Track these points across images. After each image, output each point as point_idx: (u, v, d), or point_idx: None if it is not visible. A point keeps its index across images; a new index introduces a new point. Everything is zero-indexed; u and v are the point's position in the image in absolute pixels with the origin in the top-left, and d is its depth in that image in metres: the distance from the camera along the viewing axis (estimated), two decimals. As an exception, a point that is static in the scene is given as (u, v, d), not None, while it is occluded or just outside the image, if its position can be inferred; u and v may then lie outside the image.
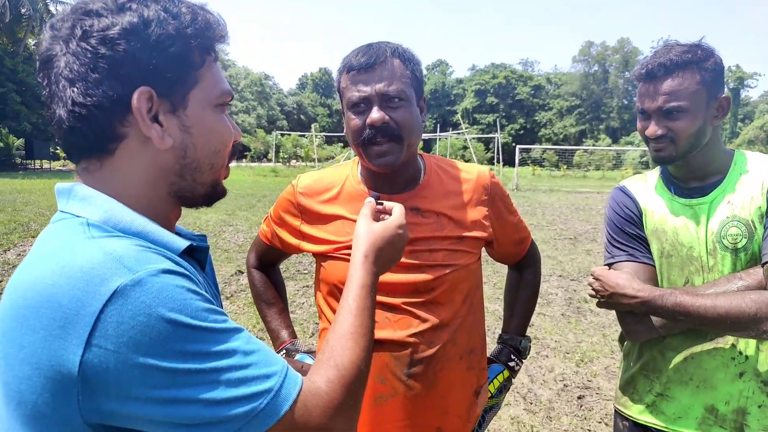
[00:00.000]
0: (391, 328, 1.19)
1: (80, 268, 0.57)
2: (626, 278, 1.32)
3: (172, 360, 0.57)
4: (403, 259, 1.19)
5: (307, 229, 1.28)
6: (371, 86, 1.12)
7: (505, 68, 78.67)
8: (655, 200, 1.45)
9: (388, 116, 1.12)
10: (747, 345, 1.30)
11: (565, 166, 41.32)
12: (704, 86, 1.26)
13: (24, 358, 0.57)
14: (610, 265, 1.45)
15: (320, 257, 1.27)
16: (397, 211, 1.00)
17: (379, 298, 1.17)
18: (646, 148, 1.38)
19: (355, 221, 1.19)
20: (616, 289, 1.31)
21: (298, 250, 1.34)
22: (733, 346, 1.31)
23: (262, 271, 1.50)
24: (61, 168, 29.51)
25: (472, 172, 1.33)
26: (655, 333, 1.35)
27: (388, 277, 1.18)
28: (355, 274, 0.87)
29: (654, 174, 1.51)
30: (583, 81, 72.89)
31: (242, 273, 6.08)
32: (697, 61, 1.26)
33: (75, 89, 0.65)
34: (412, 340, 1.18)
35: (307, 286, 5.82)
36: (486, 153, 47.04)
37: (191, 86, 0.71)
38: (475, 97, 74.45)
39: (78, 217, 0.66)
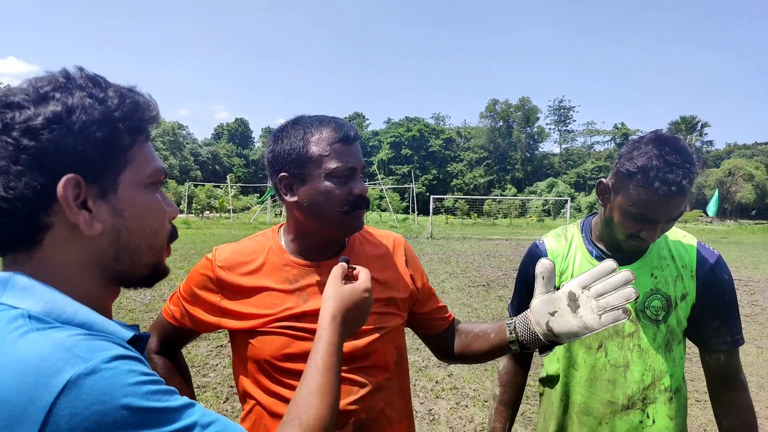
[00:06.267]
0: None
1: (28, 361, 0.55)
2: None
3: None
4: None
5: (228, 304, 1.22)
6: (357, 159, 1.19)
7: (418, 121, 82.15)
8: (573, 263, 1.49)
9: None
10: (656, 411, 1.40)
11: (475, 215, 43.21)
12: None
13: None
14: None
15: (246, 333, 1.20)
16: (364, 275, 1.04)
17: None
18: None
19: (283, 291, 1.21)
20: None
21: (217, 328, 1.26)
22: (642, 410, 1.40)
23: (164, 356, 1.37)
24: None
25: (389, 236, 1.38)
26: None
27: None
28: (323, 333, 0.92)
29: (576, 233, 1.55)
30: (490, 135, 77.64)
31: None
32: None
33: None
34: (352, 407, 1.17)
35: (221, 346, 5.53)
36: (401, 203, 48.17)
37: (121, 169, 0.70)
38: (390, 149, 76.76)
39: (17, 308, 0.62)
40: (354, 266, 1.09)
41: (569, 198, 35.64)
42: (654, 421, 1.39)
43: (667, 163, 1.22)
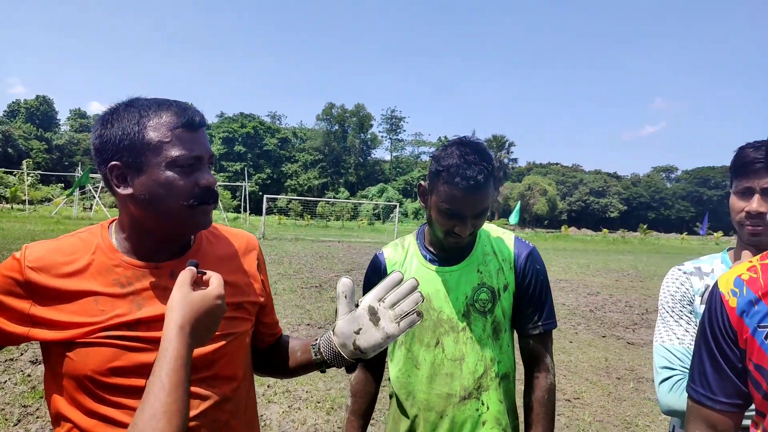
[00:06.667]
0: None
1: None
2: None
3: None
4: None
5: (40, 312, 1.02)
6: (203, 147, 1.08)
7: (254, 118, 79.92)
8: (409, 268, 1.58)
9: None
10: (489, 397, 1.51)
11: (309, 216, 43.47)
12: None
13: None
14: None
15: (63, 345, 1.02)
16: (216, 281, 0.96)
17: None
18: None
19: (113, 296, 1.05)
20: None
21: (24, 340, 1.05)
22: (477, 398, 1.50)
23: None
24: None
25: (242, 236, 1.30)
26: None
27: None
28: (169, 346, 0.82)
29: (412, 241, 1.65)
30: (326, 138, 78.82)
31: None
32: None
33: None
34: (193, 423, 1.05)
35: (11, 360, 4.71)
36: (233, 201, 46.31)
37: None
38: (222, 145, 73.33)
39: None
40: (204, 270, 1.00)
41: (398, 203, 37.75)
42: (488, 408, 1.50)
43: (467, 161, 1.36)
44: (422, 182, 1.51)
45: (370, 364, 1.67)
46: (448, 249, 1.53)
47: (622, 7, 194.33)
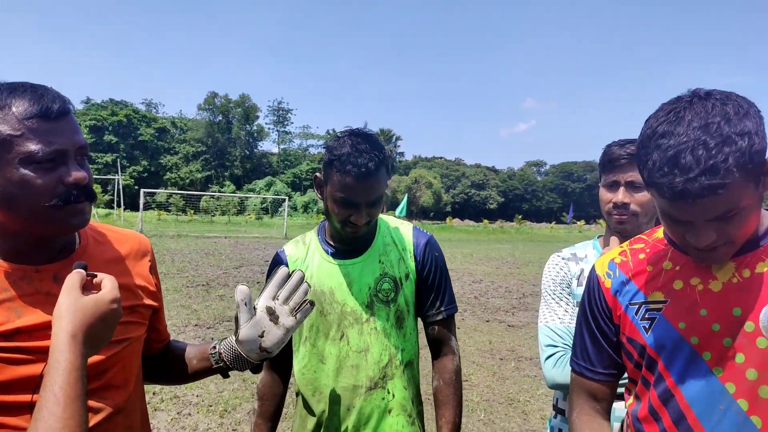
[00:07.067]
0: None
1: None
2: None
3: None
4: None
5: None
6: (67, 138, 0.95)
7: (126, 106, 73.73)
8: (311, 264, 1.58)
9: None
10: (394, 385, 1.54)
11: (192, 211, 41.25)
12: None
13: None
14: None
15: None
16: (110, 283, 0.91)
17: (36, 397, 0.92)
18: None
19: None
20: None
21: None
22: (383, 387, 1.52)
23: None
24: None
25: (132, 237, 1.23)
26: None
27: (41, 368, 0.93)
28: (61, 357, 0.77)
29: (313, 236, 1.65)
30: (209, 129, 74.96)
31: None
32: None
33: None
34: None
35: None
36: (104, 195, 42.59)
37: None
38: (90, 134, 66.80)
39: None
40: (95, 273, 0.92)
41: (287, 197, 37.16)
42: (393, 396, 1.53)
43: (358, 150, 1.39)
44: (318, 174, 1.52)
45: (276, 365, 1.63)
46: (348, 241, 1.54)
47: (494, 11, 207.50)
